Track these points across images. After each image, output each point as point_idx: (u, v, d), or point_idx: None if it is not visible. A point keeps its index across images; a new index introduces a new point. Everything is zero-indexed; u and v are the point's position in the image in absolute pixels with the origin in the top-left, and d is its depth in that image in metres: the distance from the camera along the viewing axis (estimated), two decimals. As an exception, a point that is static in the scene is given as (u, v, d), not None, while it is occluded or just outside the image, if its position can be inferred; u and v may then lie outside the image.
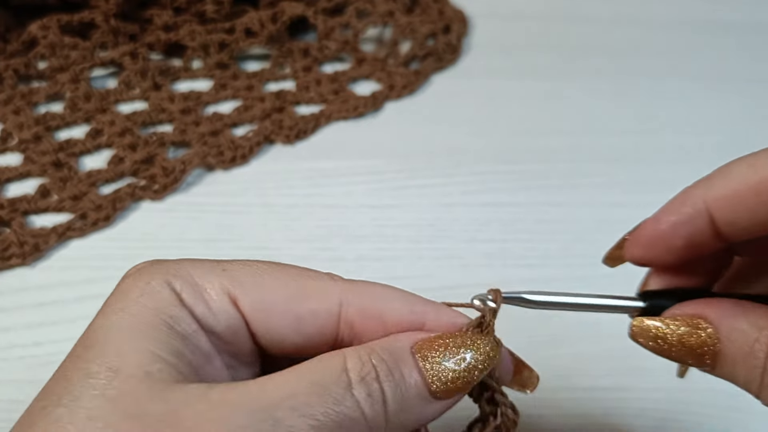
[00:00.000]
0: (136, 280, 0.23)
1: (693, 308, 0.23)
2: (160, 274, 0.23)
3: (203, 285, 0.24)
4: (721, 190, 0.22)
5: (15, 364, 0.38)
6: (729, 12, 0.64)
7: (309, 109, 0.52)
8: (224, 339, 0.24)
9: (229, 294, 0.24)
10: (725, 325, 0.22)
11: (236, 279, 0.24)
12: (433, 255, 0.44)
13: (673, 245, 0.24)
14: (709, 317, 0.22)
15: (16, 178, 0.46)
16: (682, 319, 0.23)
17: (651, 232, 0.24)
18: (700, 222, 0.23)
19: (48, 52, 0.52)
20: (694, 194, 0.23)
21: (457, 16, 0.60)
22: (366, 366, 0.22)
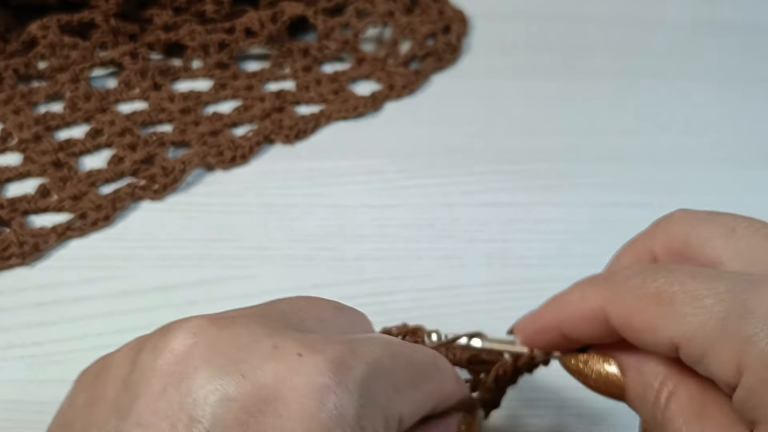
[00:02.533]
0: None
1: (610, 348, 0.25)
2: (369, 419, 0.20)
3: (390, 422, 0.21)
4: (564, 314, 0.25)
5: (15, 364, 0.38)
6: (729, 12, 0.64)
7: (309, 109, 0.52)
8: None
9: (399, 421, 0.21)
10: (631, 367, 0.24)
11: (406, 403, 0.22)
12: (433, 255, 0.44)
13: (542, 343, 0.26)
14: (619, 359, 0.24)
15: (15, 178, 0.46)
16: (599, 356, 0.25)
17: (525, 331, 0.27)
18: (554, 335, 0.26)
19: (48, 52, 0.52)
20: (548, 312, 0.26)
21: (457, 16, 0.60)
22: None
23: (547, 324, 0.26)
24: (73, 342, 0.38)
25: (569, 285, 0.25)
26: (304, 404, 0.18)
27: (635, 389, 0.24)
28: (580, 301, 0.24)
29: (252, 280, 0.42)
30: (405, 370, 0.22)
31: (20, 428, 0.35)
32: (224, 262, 0.43)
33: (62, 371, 0.37)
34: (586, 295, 0.24)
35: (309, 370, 0.19)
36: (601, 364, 0.25)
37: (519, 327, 0.27)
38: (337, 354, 0.20)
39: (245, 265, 0.43)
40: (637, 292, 0.22)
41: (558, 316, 0.25)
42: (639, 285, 0.22)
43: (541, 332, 0.26)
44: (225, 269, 0.42)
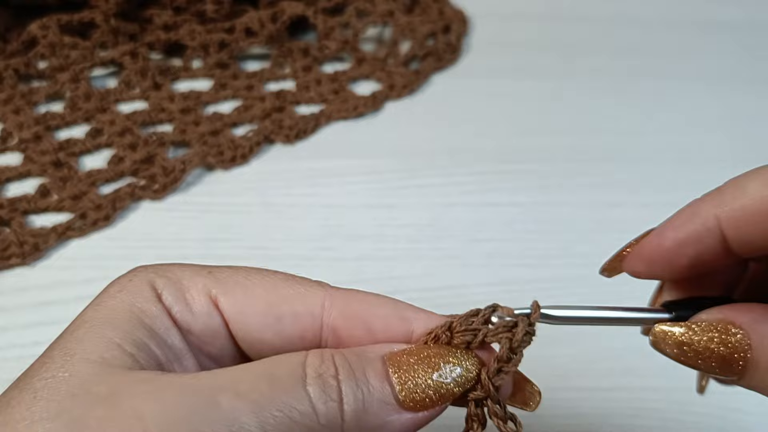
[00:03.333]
0: (121, 278, 0.24)
1: (722, 314, 0.22)
2: (145, 273, 0.24)
3: (186, 285, 0.24)
4: (735, 207, 0.21)
5: (15, 364, 0.38)
6: (729, 12, 0.64)
7: (309, 109, 0.52)
8: (203, 339, 0.24)
9: (210, 295, 0.24)
10: (757, 331, 0.21)
11: (220, 281, 0.24)
12: (433, 255, 0.44)
13: (677, 263, 0.23)
14: (740, 323, 0.21)
15: (16, 178, 0.46)
16: (709, 324, 0.22)
17: (654, 248, 0.23)
18: (709, 240, 0.22)
19: (48, 52, 0.52)
20: (704, 210, 0.22)
21: (457, 16, 0.60)
22: (326, 363, 0.22)
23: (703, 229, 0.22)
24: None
25: (569, 285, 0.25)
26: None
27: (766, 355, 0.20)
28: (765, 188, 0.21)
29: (252, 280, 0.42)
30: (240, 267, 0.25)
31: (20, 428, 0.35)
32: (224, 262, 0.42)
33: (62, 371, 0.37)
34: (698, 209, 0.21)
35: None
36: (713, 332, 0.21)
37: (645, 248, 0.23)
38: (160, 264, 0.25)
39: (245, 265, 0.42)
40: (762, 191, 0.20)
41: (726, 213, 0.21)
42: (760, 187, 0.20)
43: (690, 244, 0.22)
44: (225, 269, 0.42)
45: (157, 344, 0.22)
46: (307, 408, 0.21)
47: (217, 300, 0.24)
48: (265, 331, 0.24)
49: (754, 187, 0.21)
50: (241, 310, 0.24)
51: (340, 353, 0.22)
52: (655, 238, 0.23)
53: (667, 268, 0.23)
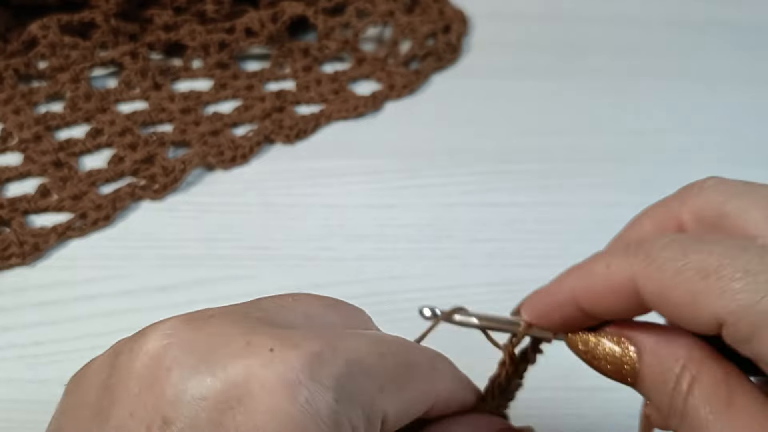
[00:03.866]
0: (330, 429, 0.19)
1: (623, 327, 0.23)
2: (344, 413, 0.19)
3: (372, 420, 0.20)
4: (585, 286, 0.23)
5: (15, 364, 0.38)
6: (729, 12, 0.64)
7: (309, 109, 0.52)
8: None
9: (383, 420, 0.21)
10: (647, 348, 0.22)
11: (391, 403, 0.21)
12: (433, 255, 0.44)
13: (553, 321, 0.24)
14: (634, 338, 0.23)
15: (16, 178, 0.46)
16: (611, 335, 0.23)
17: (534, 307, 0.25)
18: (570, 308, 0.24)
19: (48, 52, 0.52)
20: (566, 283, 0.24)
21: (457, 16, 0.60)
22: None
23: (564, 299, 0.24)
24: (73, 342, 0.38)
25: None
26: (275, 400, 0.18)
27: (652, 374, 0.22)
28: (606, 273, 0.22)
29: (252, 280, 0.42)
30: (393, 370, 0.21)
31: (20, 428, 0.35)
32: (224, 262, 0.43)
33: (62, 371, 0.37)
34: (614, 266, 0.22)
35: (280, 365, 0.19)
36: (614, 344, 0.23)
37: (528, 304, 0.25)
38: (314, 349, 0.19)
39: (245, 265, 0.43)
40: (677, 264, 0.20)
41: (577, 290, 0.23)
42: (679, 257, 0.21)
43: (557, 308, 0.24)
44: (225, 269, 0.42)
45: None
46: None
47: (386, 420, 0.21)
48: None
49: (598, 269, 0.23)
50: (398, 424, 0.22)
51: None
52: (534, 298, 0.25)
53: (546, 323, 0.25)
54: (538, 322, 0.25)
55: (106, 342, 0.41)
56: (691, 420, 0.21)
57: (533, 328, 0.25)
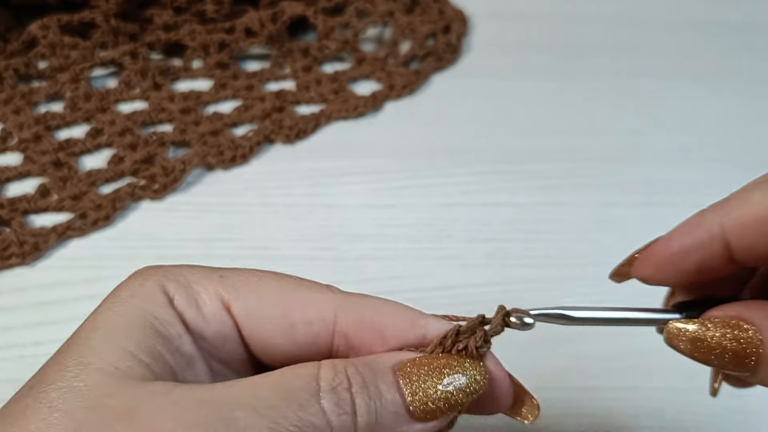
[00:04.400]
0: (130, 281, 0.24)
1: (733, 310, 0.22)
2: (156, 276, 0.24)
3: (198, 290, 0.24)
4: (739, 216, 0.22)
5: (15, 364, 0.38)
6: (729, 12, 0.64)
7: (309, 109, 0.52)
8: (214, 344, 0.24)
9: (222, 300, 0.23)
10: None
11: (231, 285, 0.24)
12: (433, 255, 0.44)
13: (684, 269, 0.23)
14: (751, 319, 0.22)
15: (16, 178, 0.46)
16: (722, 321, 0.22)
17: (662, 253, 0.23)
18: (714, 247, 0.22)
19: (48, 52, 0.52)
20: (710, 218, 0.22)
21: (457, 16, 0.60)
22: (339, 376, 0.22)
23: (707, 237, 0.22)
24: (73, 342, 0.38)
25: (570, 285, 0.25)
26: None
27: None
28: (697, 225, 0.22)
29: (252, 280, 0.42)
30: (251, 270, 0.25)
31: (20, 428, 0.35)
32: (224, 262, 0.42)
33: (62, 371, 0.37)
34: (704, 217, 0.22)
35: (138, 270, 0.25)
36: (730, 329, 0.22)
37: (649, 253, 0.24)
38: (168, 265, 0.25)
39: (245, 265, 0.42)
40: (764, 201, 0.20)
41: (729, 223, 0.22)
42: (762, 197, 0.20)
43: (692, 252, 0.22)
44: (225, 269, 0.42)
45: (170, 352, 0.22)
46: (322, 422, 0.21)
47: (230, 305, 0.23)
48: (277, 338, 0.23)
49: (758, 197, 0.22)
50: (254, 316, 0.23)
51: (352, 365, 0.22)
52: (663, 243, 0.24)
53: (673, 273, 0.23)
54: (664, 273, 0.23)
55: (106, 342, 0.40)
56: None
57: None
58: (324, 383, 0.21)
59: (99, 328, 0.22)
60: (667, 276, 0.24)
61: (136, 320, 0.22)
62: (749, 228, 0.21)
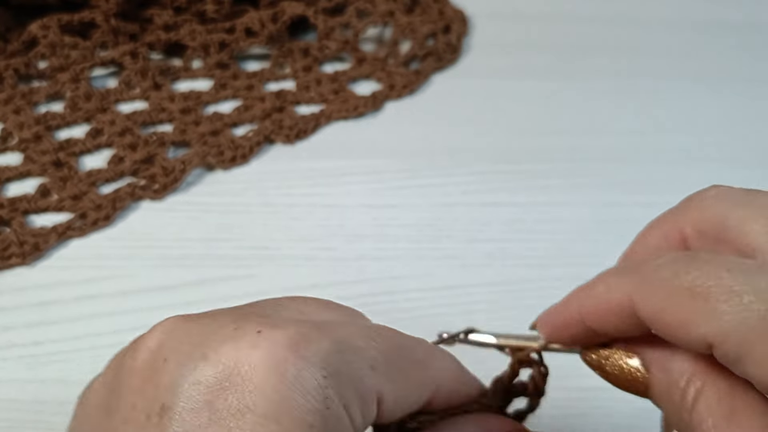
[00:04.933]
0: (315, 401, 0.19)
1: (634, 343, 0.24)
2: (333, 387, 0.20)
3: (365, 397, 0.21)
4: (588, 306, 0.24)
5: (15, 364, 0.38)
6: (729, 12, 0.64)
7: (309, 109, 0.52)
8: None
9: (380, 398, 0.21)
10: (656, 362, 0.23)
11: (385, 382, 0.21)
12: (433, 255, 0.44)
13: (564, 338, 0.25)
14: (643, 353, 0.23)
15: (16, 178, 0.46)
16: (622, 351, 0.24)
17: (546, 328, 0.26)
18: (578, 329, 0.24)
19: (48, 52, 0.52)
20: (572, 303, 0.24)
21: (457, 16, 0.60)
22: None
23: (571, 318, 0.24)
24: (73, 342, 0.38)
25: (569, 285, 0.25)
26: (263, 378, 0.19)
27: (660, 387, 0.23)
28: (606, 294, 0.23)
29: (252, 280, 0.42)
30: (385, 351, 0.22)
31: (20, 428, 0.35)
32: (224, 262, 0.43)
33: (62, 371, 0.37)
34: (613, 287, 0.23)
35: (267, 345, 0.19)
36: (624, 359, 0.24)
37: (542, 321, 0.26)
38: (300, 329, 0.20)
39: (245, 265, 0.43)
40: (668, 286, 0.21)
41: (582, 310, 0.24)
42: (671, 277, 0.21)
43: (565, 327, 0.25)
44: (225, 269, 0.42)
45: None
46: None
47: (381, 403, 0.21)
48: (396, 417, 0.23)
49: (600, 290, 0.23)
50: (397, 408, 0.22)
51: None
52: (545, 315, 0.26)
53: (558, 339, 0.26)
54: (552, 339, 0.25)
55: (106, 342, 0.41)
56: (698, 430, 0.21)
57: (550, 344, 0.26)
58: None
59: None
60: (562, 341, 0.26)
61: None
62: (596, 317, 0.23)
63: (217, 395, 0.19)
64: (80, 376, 0.38)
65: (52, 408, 0.36)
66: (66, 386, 0.37)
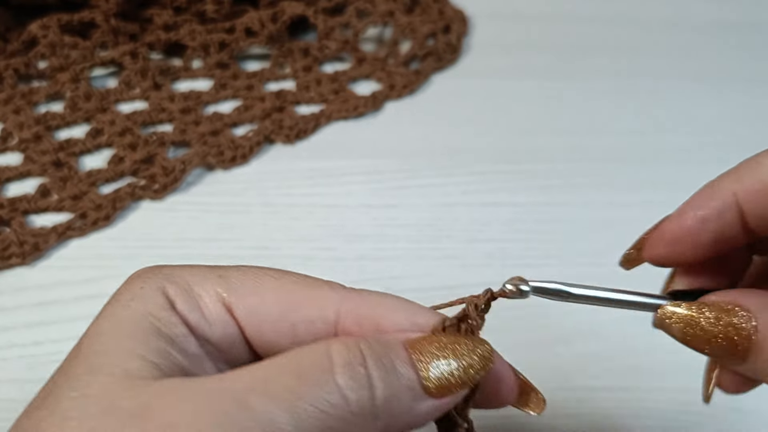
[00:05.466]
0: (130, 285, 0.24)
1: (730, 296, 0.22)
2: (155, 279, 0.23)
3: (198, 292, 0.23)
4: (752, 183, 0.21)
5: (15, 364, 0.38)
6: (729, 12, 0.64)
7: (309, 109, 0.52)
8: (220, 347, 0.23)
9: (224, 302, 0.23)
10: (764, 315, 0.21)
11: (232, 286, 0.23)
12: (433, 255, 0.44)
13: (700, 241, 0.23)
14: (747, 305, 0.21)
15: (16, 178, 0.46)
16: (717, 305, 0.22)
17: (676, 228, 0.23)
18: (729, 216, 0.22)
19: (48, 52, 0.52)
20: (723, 187, 0.22)
21: (457, 16, 0.60)
22: (353, 351, 0.21)
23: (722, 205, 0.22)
24: (73, 342, 0.38)
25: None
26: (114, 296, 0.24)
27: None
28: (710, 196, 0.22)
29: (252, 280, 0.42)
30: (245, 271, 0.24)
31: (20, 428, 0.35)
32: (224, 262, 0.42)
33: (62, 371, 0.37)
34: (717, 187, 0.21)
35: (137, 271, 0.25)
36: (725, 314, 0.21)
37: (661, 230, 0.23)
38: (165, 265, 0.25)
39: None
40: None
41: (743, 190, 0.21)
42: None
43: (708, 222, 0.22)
44: (225, 269, 0.42)
45: (177, 351, 0.22)
46: (338, 399, 0.20)
47: (231, 307, 0.23)
48: (280, 338, 0.23)
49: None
50: (256, 317, 0.23)
51: (364, 340, 0.22)
52: (675, 219, 0.23)
53: (690, 247, 0.23)
54: (680, 246, 0.23)
55: (106, 342, 0.40)
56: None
57: None
58: (337, 359, 0.21)
59: (103, 333, 0.22)
60: (683, 252, 0.23)
61: (140, 323, 0.22)
62: (762, 195, 0.21)
63: None
64: (80, 376, 0.38)
65: (52, 408, 0.36)
66: (66, 386, 0.37)
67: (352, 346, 0.21)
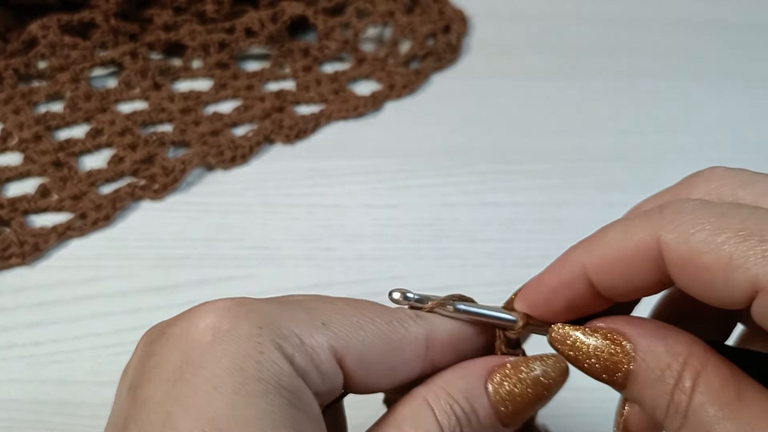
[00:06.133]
0: (247, 348, 0.20)
1: (614, 323, 0.22)
2: (267, 335, 0.21)
3: (312, 346, 0.21)
4: (598, 256, 0.22)
5: (15, 364, 0.38)
6: (729, 12, 0.64)
7: (309, 109, 0.52)
8: (323, 398, 0.22)
9: (336, 354, 0.22)
10: (642, 345, 0.21)
11: (339, 336, 0.22)
12: (433, 255, 0.44)
13: (555, 308, 0.23)
14: (628, 334, 0.22)
15: (16, 178, 0.46)
16: (602, 331, 0.22)
17: (533, 294, 0.24)
18: (579, 286, 0.23)
19: (48, 52, 0.52)
20: (574, 257, 0.23)
21: (457, 16, 0.60)
22: (451, 419, 0.22)
23: (571, 276, 0.22)
24: (73, 342, 0.38)
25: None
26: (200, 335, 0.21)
27: (647, 371, 0.21)
28: (623, 239, 0.21)
29: (252, 280, 0.42)
30: (344, 313, 0.22)
31: (20, 427, 0.35)
32: (224, 262, 0.43)
33: (62, 371, 0.37)
34: (633, 231, 0.21)
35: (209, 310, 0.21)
36: (604, 340, 0.22)
37: (526, 292, 0.24)
38: (239, 298, 0.22)
39: (245, 265, 0.43)
40: (712, 225, 0.19)
41: (590, 263, 0.22)
42: (714, 217, 0.19)
43: (561, 291, 0.23)
44: (225, 269, 0.42)
45: (311, 426, 0.21)
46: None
47: (342, 360, 0.22)
48: (381, 380, 0.23)
49: (614, 237, 0.22)
50: (364, 366, 0.22)
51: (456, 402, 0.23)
52: (535, 284, 0.24)
53: (548, 311, 0.24)
54: (537, 311, 0.24)
55: (106, 342, 0.41)
56: (696, 418, 0.20)
57: (530, 325, 0.24)
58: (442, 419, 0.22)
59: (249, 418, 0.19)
60: (543, 314, 0.24)
61: (280, 404, 0.20)
62: (607, 268, 0.22)
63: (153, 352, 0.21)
64: (80, 376, 0.38)
65: (51, 408, 0.36)
66: (66, 386, 0.37)
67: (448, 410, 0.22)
